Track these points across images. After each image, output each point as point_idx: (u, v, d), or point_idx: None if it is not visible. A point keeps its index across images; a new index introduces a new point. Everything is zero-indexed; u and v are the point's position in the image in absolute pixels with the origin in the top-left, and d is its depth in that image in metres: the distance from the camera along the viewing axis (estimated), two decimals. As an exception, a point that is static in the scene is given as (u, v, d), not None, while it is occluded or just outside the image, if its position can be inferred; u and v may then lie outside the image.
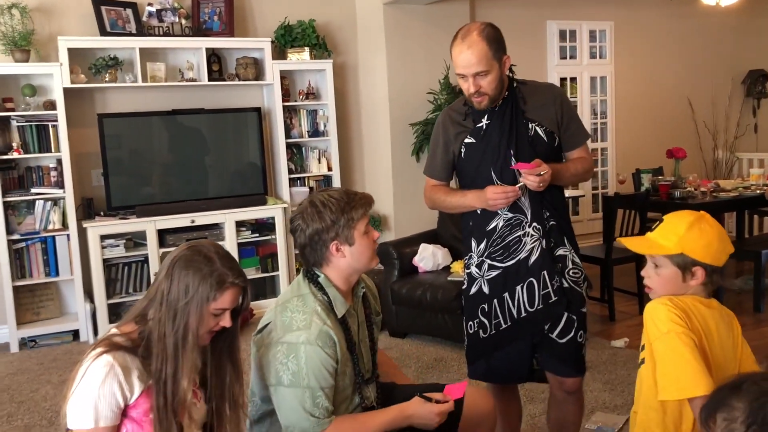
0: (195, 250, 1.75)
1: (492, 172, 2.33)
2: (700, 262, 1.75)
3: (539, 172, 2.22)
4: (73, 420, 1.61)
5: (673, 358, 1.65)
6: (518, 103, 2.34)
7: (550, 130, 2.36)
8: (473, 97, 2.29)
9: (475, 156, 2.36)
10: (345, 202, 1.97)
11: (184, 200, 5.12)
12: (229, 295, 1.73)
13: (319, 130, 5.70)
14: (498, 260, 2.36)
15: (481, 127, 2.35)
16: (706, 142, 7.64)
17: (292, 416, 1.88)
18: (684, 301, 1.74)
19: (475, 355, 2.49)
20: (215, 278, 1.70)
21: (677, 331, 1.65)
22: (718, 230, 1.79)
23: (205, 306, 1.69)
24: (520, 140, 2.32)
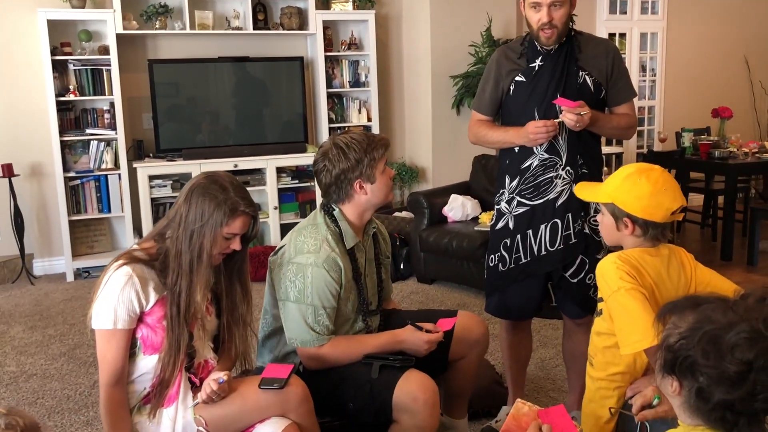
0: (212, 180, 1.93)
1: (536, 112, 2.43)
2: (628, 213, 1.80)
3: (580, 111, 2.30)
4: (96, 321, 1.83)
5: (623, 314, 1.73)
6: (573, 51, 2.43)
7: (599, 81, 2.44)
8: (543, 30, 2.36)
9: (523, 95, 2.45)
10: (367, 143, 2.11)
11: (229, 145, 5.35)
12: (239, 222, 1.90)
13: (360, 80, 5.81)
14: (527, 198, 2.47)
15: (533, 68, 2.44)
16: (762, 103, 7.41)
17: (295, 329, 2.07)
18: (632, 255, 1.81)
19: (493, 288, 2.63)
20: (228, 205, 1.87)
21: (626, 287, 1.72)
22: (657, 186, 1.78)
23: (218, 229, 1.87)
24: (568, 86, 2.41)
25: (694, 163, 5.41)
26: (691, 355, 1.15)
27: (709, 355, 1.12)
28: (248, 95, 5.48)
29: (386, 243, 2.40)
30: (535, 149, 2.44)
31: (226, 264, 2.01)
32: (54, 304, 4.49)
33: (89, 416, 2.97)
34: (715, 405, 1.13)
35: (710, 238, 5.89)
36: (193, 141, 5.30)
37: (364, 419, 2.04)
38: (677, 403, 1.22)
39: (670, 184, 1.81)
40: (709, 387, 1.13)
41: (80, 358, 3.60)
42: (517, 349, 2.74)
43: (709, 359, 1.12)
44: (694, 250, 5.54)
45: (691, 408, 1.18)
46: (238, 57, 5.40)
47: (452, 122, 5.96)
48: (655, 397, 1.59)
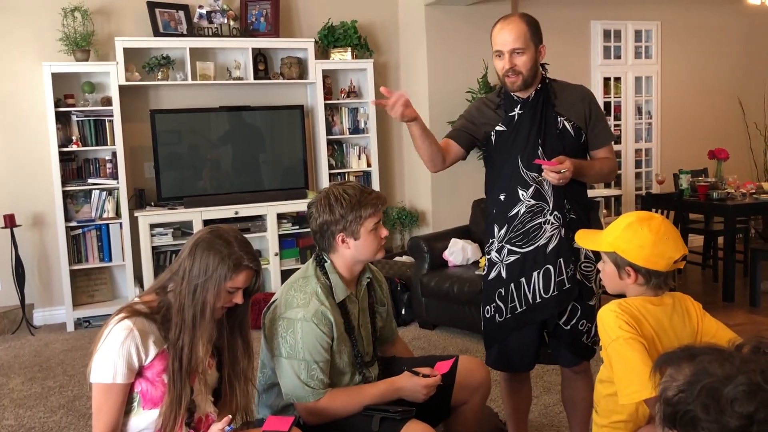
0: (216, 234, 1.95)
1: (519, 160, 2.44)
2: (631, 262, 1.80)
3: (560, 169, 2.32)
4: (94, 374, 1.83)
5: (622, 364, 1.73)
6: (549, 97, 2.46)
7: (578, 126, 2.47)
8: (507, 76, 2.40)
9: (505, 144, 2.47)
10: (357, 200, 2.13)
11: (229, 193, 5.39)
12: (243, 276, 1.92)
13: (359, 127, 5.89)
14: (518, 245, 2.47)
15: (513, 116, 2.47)
16: (758, 144, 7.48)
17: (290, 385, 2.06)
18: (633, 304, 1.80)
19: (491, 340, 2.61)
20: (233, 260, 1.89)
21: (625, 337, 1.71)
22: (659, 235, 1.79)
23: (222, 284, 1.89)
24: (548, 132, 2.44)
25: (692, 204, 5.44)
26: (691, 409, 1.14)
27: (709, 409, 1.11)
28: (249, 143, 5.55)
29: (383, 289, 2.40)
30: (522, 196, 2.46)
31: (228, 318, 2.02)
32: (54, 355, 4.47)
33: (88, 470, 2.93)
34: None
35: (712, 279, 5.88)
36: (195, 189, 5.34)
37: (366, 472, 2.02)
38: None
39: (671, 233, 1.81)
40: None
41: (79, 410, 3.57)
42: (517, 397, 2.72)
43: (709, 413, 1.11)
44: (697, 291, 5.56)
45: None
46: (239, 106, 5.49)
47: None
48: None
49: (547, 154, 2.41)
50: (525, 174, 2.43)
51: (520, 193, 2.44)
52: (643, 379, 1.64)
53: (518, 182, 2.45)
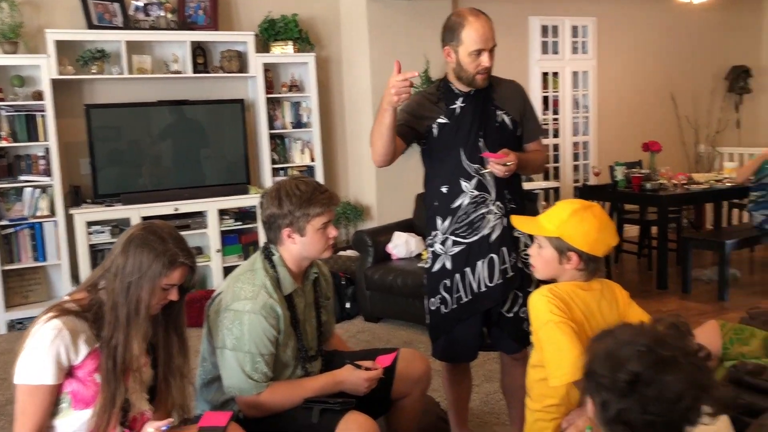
0: (150, 230, 1.91)
1: (461, 152, 2.48)
2: (575, 248, 1.86)
3: (506, 162, 2.38)
4: (21, 375, 1.77)
5: (552, 347, 1.79)
6: (489, 91, 2.52)
7: (515, 119, 2.54)
8: (480, 74, 2.43)
9: (448, 135, 2.50)
10: (307, 197, 2.11)
11: (169, 189, 5.29)
12: (178, 273, 1.89)
13: (302, 121, 5.86)
14: (462, 236, 2.51)
15: (454, 109, 2.50)
16: (689, 136, 7.76)
17: (233, 377, 2.05)
18: (563, 289, 1.87)
19: (437, 331, 2.65)
20: (168, 257, 1.86)
21: (555, 321, 1.78)
22: (602, 222, 1.88)
23: (157, 281, 1.85)
24: (489, 125, 2.49)
25: (627, 195, 5.61)
26: (594, 370, 1.24)
27: (606, 367, 1.21)
28: (189, 138, 5.45)
29: (328, 284, 2.41)
30: (465, 187, 2.50)
31: (164, 315, 1.99)
32: (-15, 358, 4.31)
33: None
34: (614, 416, 1.20)
35: (646, 268, 6.08)
36: (133, 185, 5.22)
37: (306, 464, 2.02)
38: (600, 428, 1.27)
39: (609, 222, 1.92)
40: (608, 399, 1.21)
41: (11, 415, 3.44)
42: (459, 387, 2.77)
43: (605, 370, 1.21)
44: (632, 280, 5.74)
45: (602, 424, 1.25)
46: (178, 100, 5.38)
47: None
48: (588, 428, 1.63)
49: (488, 147, 2.46)
50: (467, 165, 2.48)
51: (463, 184, 2.48)
52: (572, 361, 1.70)
53: (461, 174, 2.49)
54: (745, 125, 8.09)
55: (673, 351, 1.19)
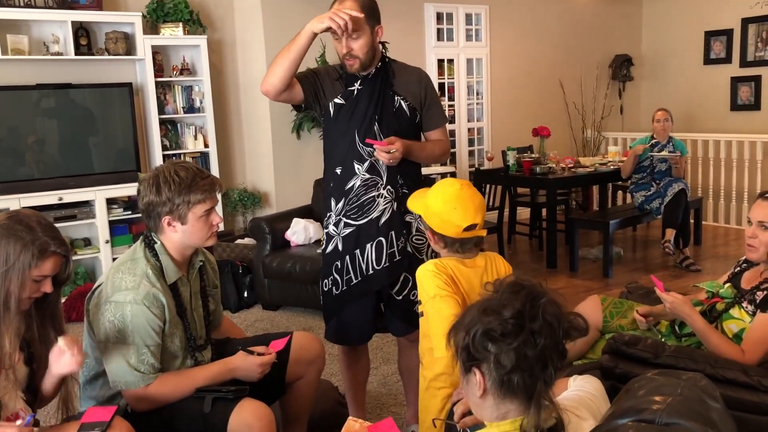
0: (16, 219, 1.79)
1: (356, 135, 2.47)
2: (429, 227, 1.95)
3: (389, 150, 2.39)
4: None
5: (438, 320, 1.86)
6: (389, 76, 2.51)
7: (413, 106, 2.54)
8: (346, 59, 2.42)
9: (344, 118, 2.48)
10: (187, 184, 2.02)
11: (53, 177, 5.00)
12: (50, 263, 1.79)
13: (194, 106, 5.68)
14: (353, 218, 2.52)
15: (352, 91, 2.49)
16: (576, 122, 8.11)
17: (118, 371, 1.97)
18: (448, 264, 1.93)
19: (329, 313, 2.65)
20: (37, 246, 1.76)
21: (441, 295, 1.85)
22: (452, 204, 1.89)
23: (27, 272, 1.75)
24: (385, 110, 2.49)
25: (518, 179, 5.81)
26: (476, 330, 1.26)
27: (488, 319, 1.25)
28: (74, 124, 5.16)
29: (214, 271, 2.35)
30: (357, 170, 2.51)
31: (38, 308, 1.88)
32: None
33: None
34: (512, 368, 1.23)
35: (537, 248, 6.33)
36: (13, 174, 4.90)
37: (198, 456, 1.98)
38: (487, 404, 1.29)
39: (460, 202, 1.91)
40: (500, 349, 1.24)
41: None
42: (355, 369, 2.78)
43: (490, 322, 1.24)
44: (524, 261, 5.96)
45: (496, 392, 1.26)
46: (60, 84, 5.08)
47: (293, 146, 6.00)
48: None
49: (383, 131, 2.47)
50: (361, 148, 2.48)
51: (356, 166, 2.49)
52: None
53: (354, 156, 2.49)
54: (627, 111, 8.55)
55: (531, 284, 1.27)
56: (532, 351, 1.22)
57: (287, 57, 2.34)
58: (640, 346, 2.15)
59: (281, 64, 2.35)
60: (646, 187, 5.58)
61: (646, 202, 5.55)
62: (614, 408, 1.27)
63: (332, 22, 2.26)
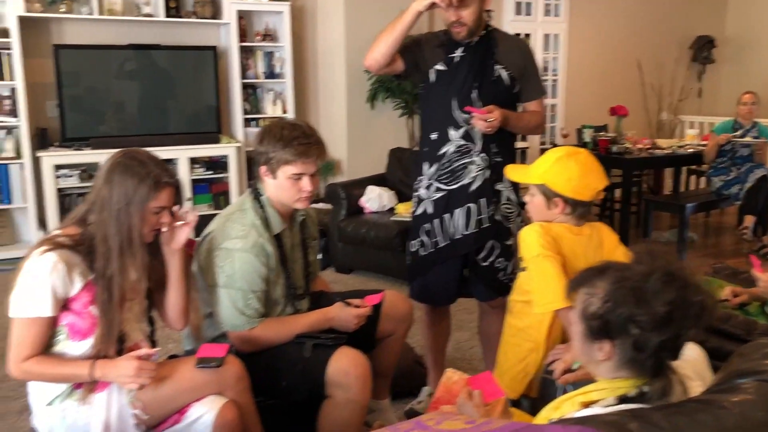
0: (129, 156, 1.89)
1: (453, 102, 2.51)
2: (559, 193, 1.97)
3: (487, 118, 2.43)
4: (17, 309, 1.78)
5: (540, 278, 1.93)
6: (491, 45, 2.54)
7: (514, 76, 2.56)
8: (453, 27, 2.46)
9: (443, 85, 2.52)
10: (284, 143, 2.09)
11: (138, 135, 5.21)
12: (165, 194, 1.89)
13: (275, 72, 5.81)
14: (444, 183, 2.57)
15: (453, 58, 2.53)
16: (652, 103, 7.94)
17: (226, 313, 2.09)
18: (554, 228, 1.99)
19: (414, 272, 2.72)
20: (152, 179, 1.85)
21: (544, 254, 1.91)
22: (588, 168, 1.96)
23: (146, 205, 1.85)
24: (485, 78, 2.52)
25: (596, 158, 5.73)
26: (622, 312, 1.27)
27: (639, 305, 1.25)
28: (159, 84, 5.36)
29: (314, 225, 2.45)
30: (452, 136, 2.55)
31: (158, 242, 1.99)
32: (-49, 300, 4.24)
33: (1, 410, 2.85)
34: (652, 351, 1.25)
35: (608, 229, 6.26)
36: (101, 130, 5.14)
37: (298, 396, 2.09)
38: (606, 366, 1.33)
39: (595, 166, 1.99)
40: (643, 335, 1.25)
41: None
42: (437, 329, 2.86)
43: (640, 309, 1.25)
44: (594, 240, 5.91)
45: (623, 363, 1.29)
46: (149, 45, 5.27)
47: (366, 116, 6.06)
48: (576, 363, 1.73)
49: (482, 99, 2.51)
50: (457, 115, 2.52)
51: (451, 133, 2.54)
52: (558, 292, 1.84)
53: (450, 123, 2.53)
54: (706, 95, 8.31)
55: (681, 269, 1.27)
56: (673, 342, 1.25)
57: (391, 34, 2.42)
58: (732, 322, 2.16)
59: (385, 41, 2.44)
60: (725, 172, 5.46)
61: (724, 187, 5.43)
62: (729, 370, 1.30)
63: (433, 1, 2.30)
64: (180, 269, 1.98)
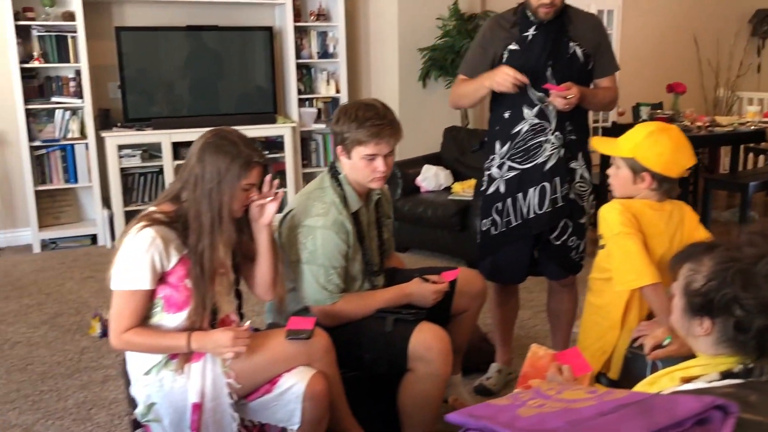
0: (220, 136, 1.96)
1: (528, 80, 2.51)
2: (648, 168, 1.95)
3: (567, 95, 2.42)
4: (118, 282, 1.86)
5: (622, 256, 1.93)
6: (564, 22, 2.54)
7: (588, 53, 2.56)
8: (544, 8, 2.46)
9: (516, 64, 2.51)
10: (358, 123, 2.12)
11: (197, 115, 5.30)
12: (255, 173, 1.95)
13: (328, 51, 5.83)
14: (518, 162, 2.58)
15: (526, 37, 2.53)
16: (708, 80, 7.74)
17: (309, 289, 2.15)
18: (634, 205, 1.98)
19: (484, 251, 2.74)
20: (243, 159, 1.91)
21: (626, 232, 1.91)
22: (678, 144, 1.95)
23: (236, 183, 1.91)
24: (559, 56, 2.51)
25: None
26: (727, 292, 1.26)
27: (746, 288, 1.24)
28: (216, 65, 5.43)
29: (389, 204, 2.49)
30: (526, 114, 2.55)
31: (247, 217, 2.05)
32: (24, 275, 4.42)
33: (84, 380, 2.97)
34: (755, 333, 1.24)
35: (663, 208, 6.17)
36: (162, 110, 5.24)
37: (379, 369, 2.14)
38: (705, 341, 1.33)
39: (685, 143, 1.97)
40: (747, 317, 1.24)
41: (63, 326, 3.58)
42: (506, 307, 2.88)
43: (747, 291, 1.24)
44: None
45: (723, 341, 1.29)
46: (207, 26, 5.34)
47: (419, 94, 6.05)
48: (666, 338, 1.74)
49: (556, 77, 2.49)
50: (531, 93, 2.52)
51: (525, 111, 2.54)
52: (640, 269, 1.85)
53: (524, 101, 2.53)
54: (765, 70, 8.07)
55: None
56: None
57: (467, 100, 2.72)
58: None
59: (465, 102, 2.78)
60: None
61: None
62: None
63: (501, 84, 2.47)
64: (268, 243, 2.04)
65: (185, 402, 1.89)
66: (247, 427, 1.96)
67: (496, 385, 2.86)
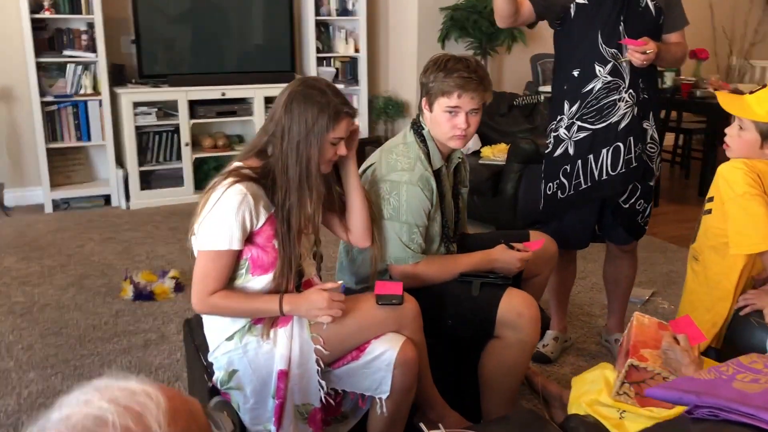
0: (308, 85, 1.82)
1: (599, 35, 2.39)
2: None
3: (646, 50, 2.30)
4: (206, 242, 1.73)
5: (744, 218, 1.83)
6: None
7: (659, 6, 2.43)
8: None
9: (585, 19, 2.40)
10: (447, 72, 2.00)
11: (215, 72, 5.11)
12: (344, 125, 1.82)
13: (347, 8, 5.64)
14: (589, 122, 2.47)
15: None
16: (722, 47, 7.65)
17: (390, 246, 2.04)
18: (758, 166, 1.88)
19: (550, 215, 2.65)
20: (332, 109, 1.78)
21: (752, 193, 1.81)
22: None
23: (325, 136, 1.78)
24: (631, 10, 2.39)
25: (677, 102, 5.56)
26: None
27: None
28: (235, 21, 5.23)
29: (467, 172, 2.39)
30: (598, 72, 2.44)
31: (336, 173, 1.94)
32: (41, 236, 4.26)
33: (124, 344, 2.86)
34: None
35: (682, 176, 6.13)
36: (178, 67, 5.04)
37: (463, 335, 2.05)
38: None
39: None
40: None
41: (91, 288, 3.44)
42: (565, 272, 2.80)
43: None
44: (667, 187, 5.79)
45: None
46: (225, -21, 5.13)
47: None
48: None
49: (628, 32, 2.38)
50: (604, 50, 2.40)
51: (597, 68, 2.42)
52: (764, 233, 1.73)
53: (596, 58, 2.41)
54: (778, 39, 7.99)
55: None
56: None
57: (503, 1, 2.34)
58: None
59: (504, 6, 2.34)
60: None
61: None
62: None
63: None
64: (360, 188, 1.95)
65: (270, 369, 1.79)
66: (329, 394, 1.86)
67: (554, 352, 2.80)
